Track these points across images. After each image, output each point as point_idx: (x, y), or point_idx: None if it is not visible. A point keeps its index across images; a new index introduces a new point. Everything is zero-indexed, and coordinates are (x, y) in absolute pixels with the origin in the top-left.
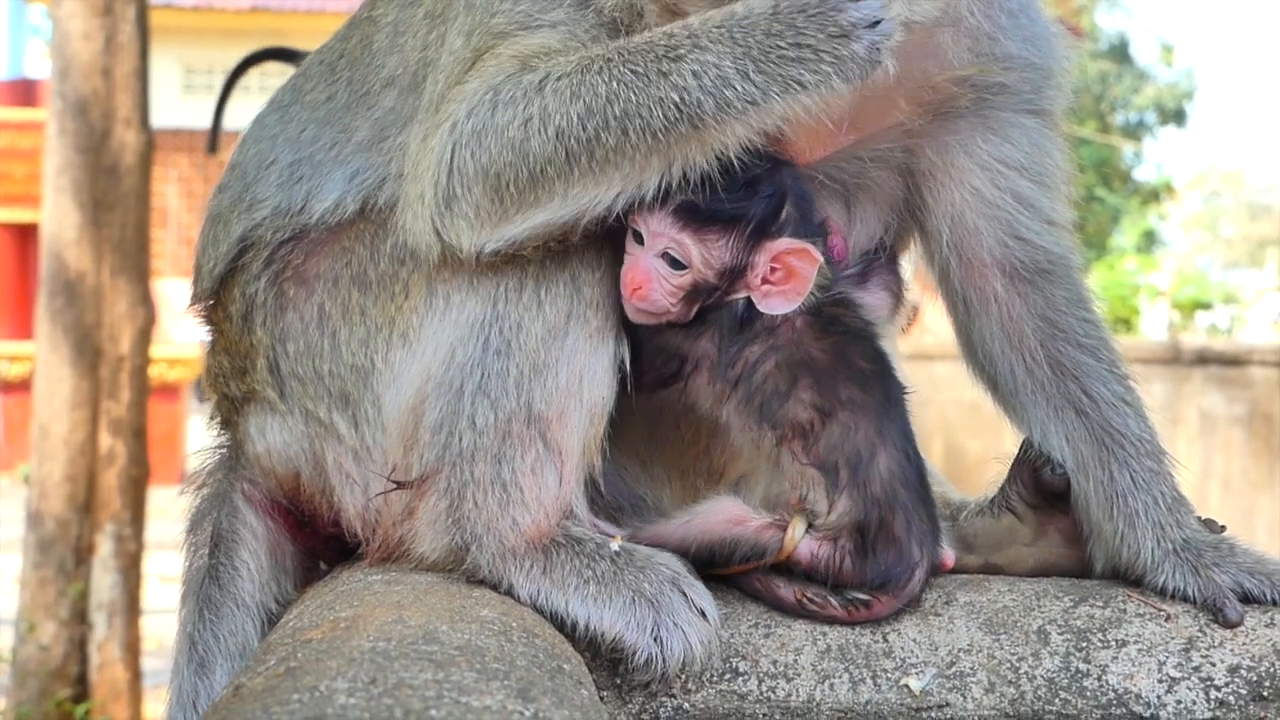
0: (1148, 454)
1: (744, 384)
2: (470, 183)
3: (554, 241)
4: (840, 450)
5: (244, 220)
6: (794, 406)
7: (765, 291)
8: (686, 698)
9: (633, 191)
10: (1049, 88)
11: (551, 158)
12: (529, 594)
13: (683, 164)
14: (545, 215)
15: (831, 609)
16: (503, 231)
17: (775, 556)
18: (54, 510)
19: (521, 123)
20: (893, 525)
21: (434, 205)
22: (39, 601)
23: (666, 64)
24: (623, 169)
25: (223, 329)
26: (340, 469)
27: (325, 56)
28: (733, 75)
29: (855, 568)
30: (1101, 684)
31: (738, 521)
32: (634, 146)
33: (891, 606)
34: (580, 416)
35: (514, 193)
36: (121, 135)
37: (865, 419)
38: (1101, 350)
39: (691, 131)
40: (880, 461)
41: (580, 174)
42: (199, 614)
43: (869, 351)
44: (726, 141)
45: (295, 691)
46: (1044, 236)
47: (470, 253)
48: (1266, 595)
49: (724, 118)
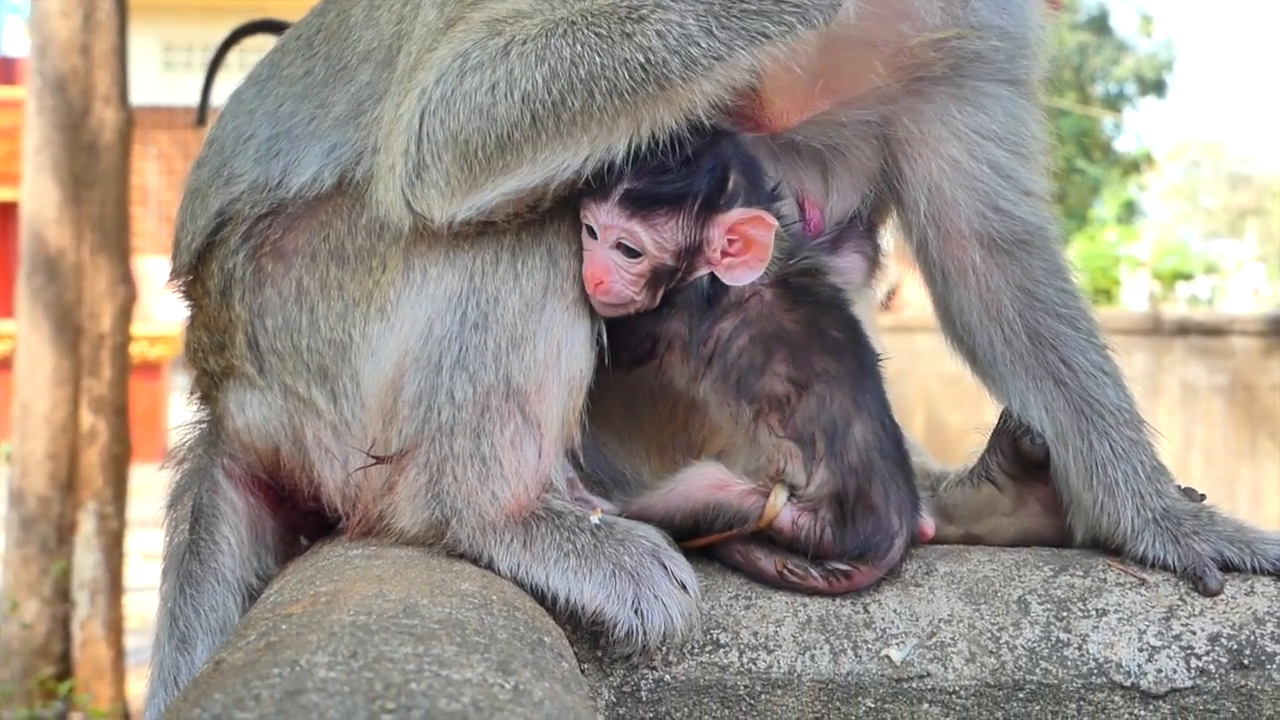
0: (1126, 423)
1: (718, 360)
2: (440, 150)
3: (526, 210)
4: (816, 422)
5: (221, 195)
6: (769, 380)
7: (727, 265)
8: (668, 670)
9: (601, 154)
10: (1023, 57)
11: (518, 122)
12: (509, 567)
13: (651, 124)
14: (515, 181)
15: (813, 580)
16: (473, 200)
17: (757, 523)
18: (36, 488)
19: (489, 88)
20: (871, 494)
21: (404, 175)
22: (21, 580)
23: (630, 25)
24: (590, 131)
25: (201, 304)
26: (319, 444)
27: (303, 31)
28: (696, 32)
29: (836, 538)
30: (1082, 653)
31: (720, 486)
32: (600, 109)
33: (872, 576)
34: (559, 389)
35: (483, 159)
36: (101, 113)
37: (839, 389)
38: (1079, 320)
39: (659, 91)
40: (856, 431)
41: (547, 138)
42: (180, 589)
43: (841, 320)
44: (695, 100)
45: (276, 666)
46: (1021, 207)
47: (442, 222)
48: (1246, 563)
49: (691, 75)
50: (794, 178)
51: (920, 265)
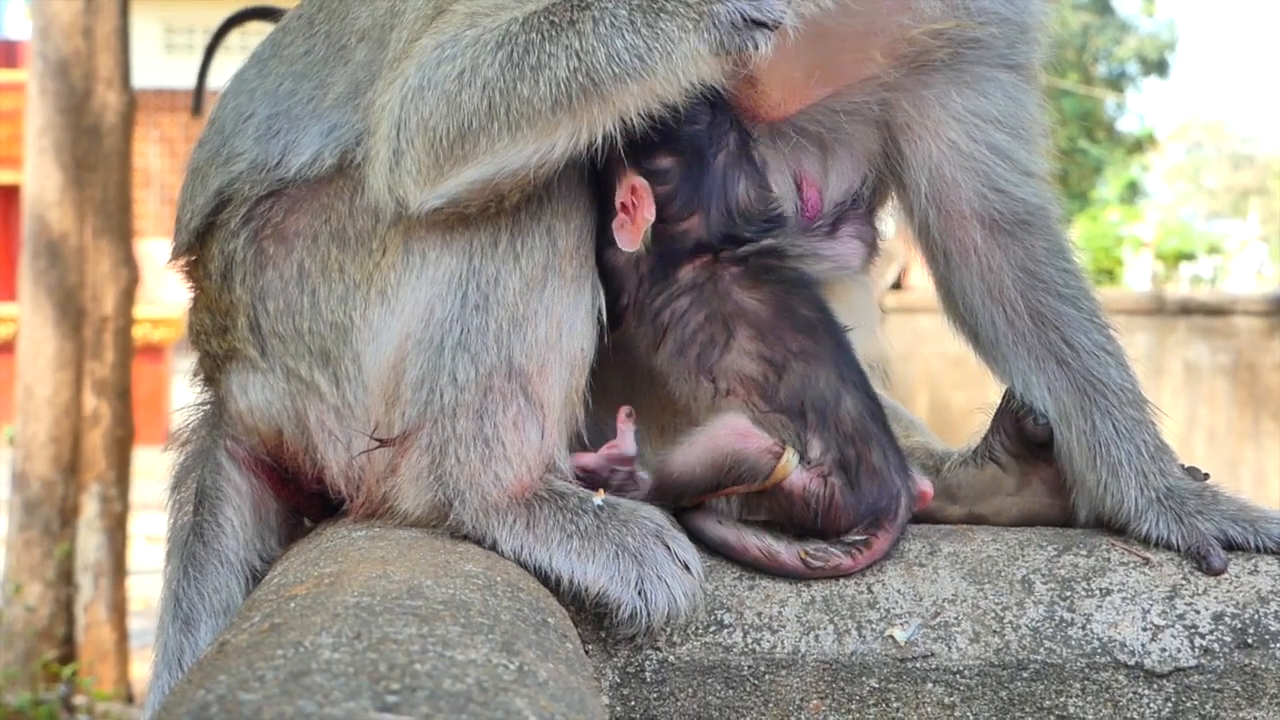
0: (1130, 403)
1: (673, 334)
2: (413, 137)
3: (495, 201)
4: (803, 395)
5: (221, 174)
6: (737, 359)
7: (618, 224)
8: (671, 650)
9: (545, 150)
10: (1023, 42)
11: (477, 109)
12: (513, 549)
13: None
14: (474, 171)
15: (836, 559)
16: (440, 188)
17: (766, 481)
18: (39, 471)
19: (456, 76)
20: (871, 458)
21: (386, 161)
22: (25, 563)
23: (576, 12)
24: (535, 125)
25: (203, 286)
26: (322, 426)
27: (304, 10)
28: (624, 24)
29: (847, 503)
30: (1086, 633)
31: (744, 435)
32: (542, 99)
33: (889, 540)
34: (561, 368)
35: (446, 147)
36: (103, 95)
37: (822, 366)
38: (1082, 300)
39: (590, 85)
40: (846, 403)
41: (499, 127)
42: (184, 571)
43: (811, 300)
44: (626, 104)
45: (280, 647)
46: (1022, 188)
47: (416, 210)
48: (1250, 542)
49: (615, 70)
50: (792, 158)
51: (922, 247)
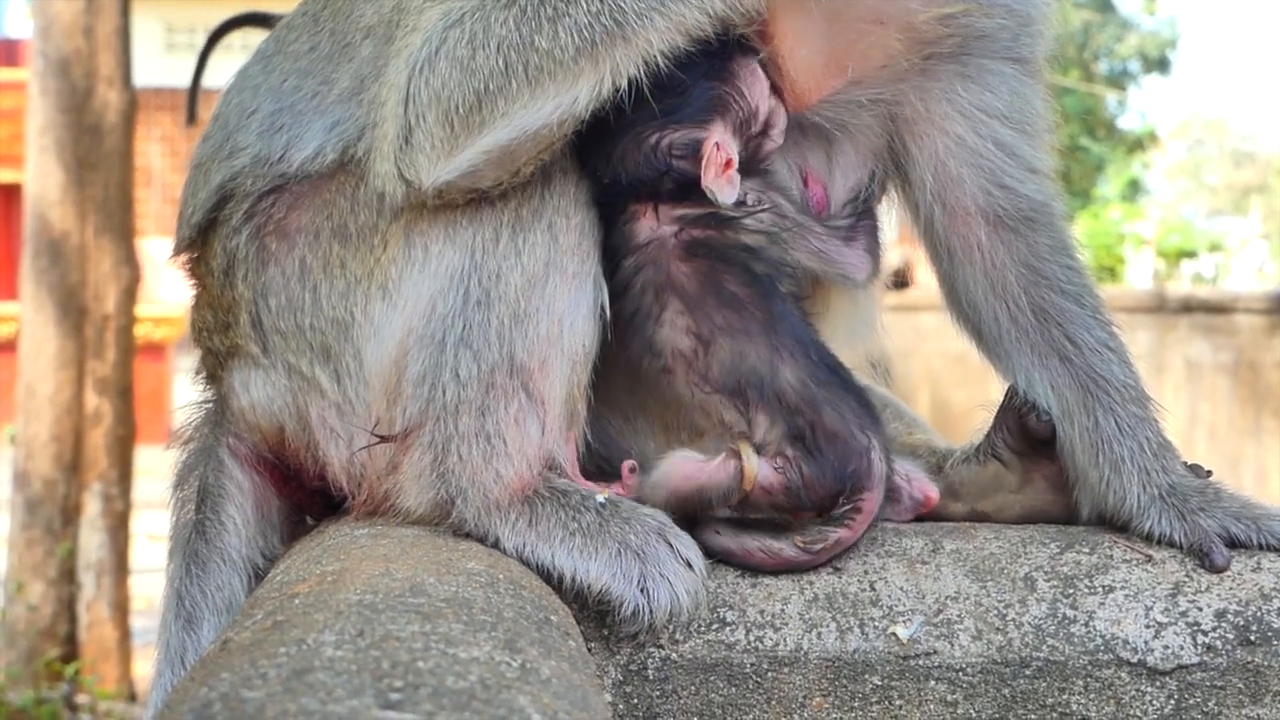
0: (1132, 399)
1: (625, 296)
2: (424, 110)
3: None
4: (737, 373)
5: (223, 169)
6: (671, 331)
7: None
8: (674, 648)
9: (568, 104)
10: (1028, 35)
11: (494, 70)
12: (515, 547)
13: (612, 74)
14: (491, 137)
15: (834, 534)
16: (454, 160)
17: (742, 490)
18: (41, 470)
19: (468, 40)
20: (824, 422)
21: (395, 141)
22: (27, 562)
23: None
24: (557, 77)
25: (205, 283)
26: (324, 423)
27: (309, 7)
28: None
29: (816, 472)
30: (1089, 630)
31: (693, 474)
32: (563, 48)
33: (876, 500)
34: (562, 365)
35: (462, 115)
36: (104, 94)
37: (750, 342)
38: (1085, 297)
39: (614, 27)
40: (784, 374)
41: (518, 85)
42: (186, 569)
43: (742, 276)
44: (651, 42)
45: (282, 645)
46: (1026, 184)
47: (429, 188)
48: (1253, 540)
49: (640, 6)
50: (796, 152)
51: (925, 243)
